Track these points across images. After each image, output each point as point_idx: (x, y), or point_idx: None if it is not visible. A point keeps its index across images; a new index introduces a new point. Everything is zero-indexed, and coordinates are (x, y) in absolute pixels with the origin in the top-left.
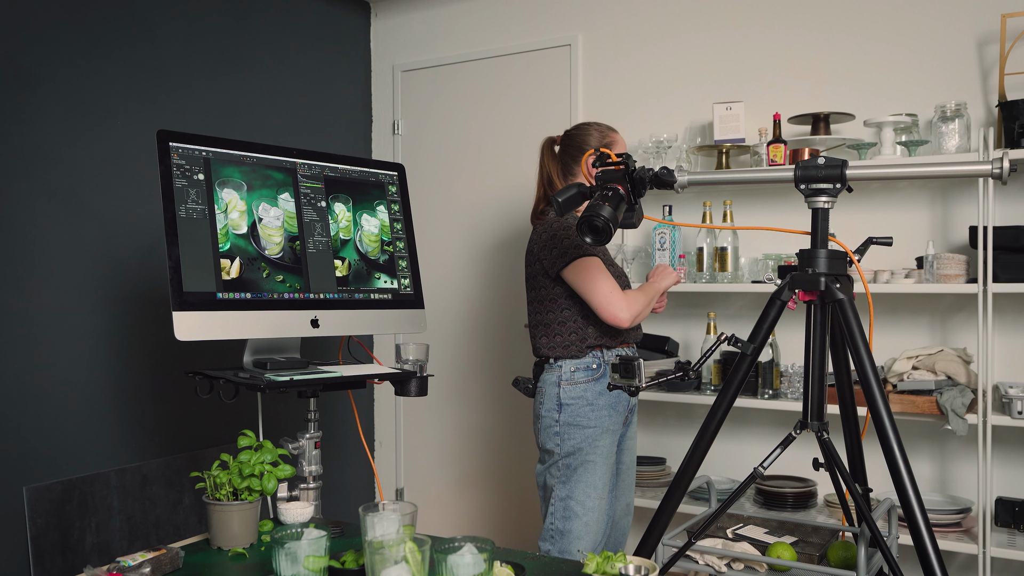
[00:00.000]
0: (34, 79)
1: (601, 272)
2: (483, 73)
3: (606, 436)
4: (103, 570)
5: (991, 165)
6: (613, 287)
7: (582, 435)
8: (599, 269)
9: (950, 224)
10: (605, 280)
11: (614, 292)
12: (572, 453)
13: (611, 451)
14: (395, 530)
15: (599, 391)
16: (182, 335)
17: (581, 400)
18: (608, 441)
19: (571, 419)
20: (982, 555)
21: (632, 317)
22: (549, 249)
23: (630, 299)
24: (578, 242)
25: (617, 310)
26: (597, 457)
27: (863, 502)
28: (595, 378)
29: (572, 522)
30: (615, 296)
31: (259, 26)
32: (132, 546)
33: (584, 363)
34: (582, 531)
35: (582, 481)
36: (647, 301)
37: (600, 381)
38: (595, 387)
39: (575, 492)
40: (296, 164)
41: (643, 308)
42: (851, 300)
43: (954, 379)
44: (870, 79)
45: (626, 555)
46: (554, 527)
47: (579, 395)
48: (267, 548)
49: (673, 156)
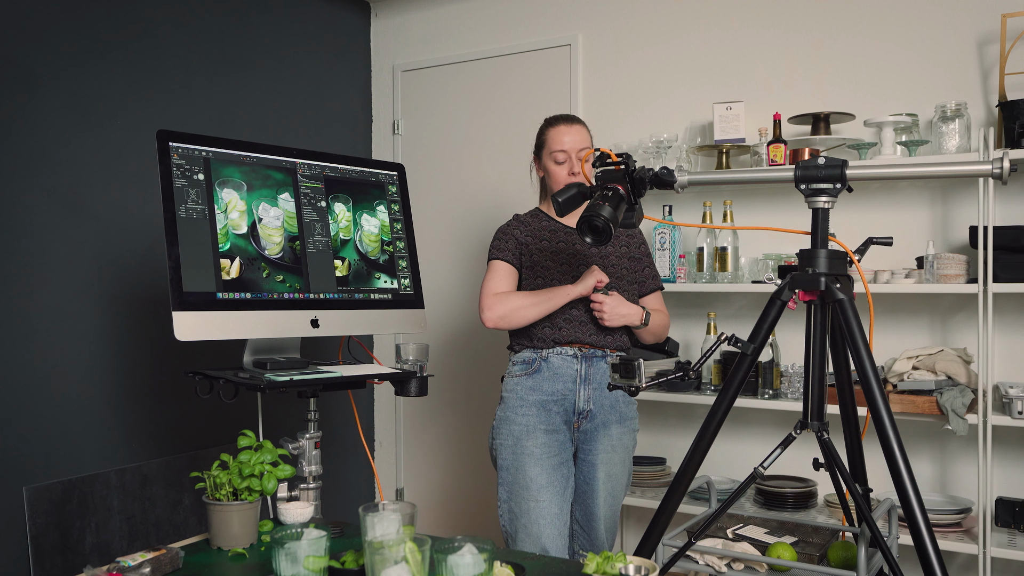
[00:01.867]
0: (34, 79)
1: (489, 273)
2: (483, 73)
3: (534, 436)
4: (103, 570)
5: (991, 165)
6: (487, 288)
7: (508, 432)
8: (491, 270)
9: (950, 224)
10: (487, 281)
11: (485, 293)
12: (499, 451)
13: (545, 453)
14: (395, 530)
15: (531, 387)
16: (182, 335)
17: (513, 394)
18: (539, 442)
19: (503, 414)
20: (982, 555)
21: (494, 318)
22: None
23: (499, 299)
24: (492, 245)
25: (481, 309)
26: (525, 456)
27: (863, 502)
28: (528, 372)
29: (515, 524)
30: (485, 296)
31: (259, 26)
32: (132, 546)
33: (521, 357)
34: (524, 534)
35: (515, 482)
36: (527, 303)
37: (533, 377)
38: (527, 382)
39: (513, 494)
40: (296, 164)
41: (512, 310)
42: (851, 300)
43: (954, 379)
44: (870, 79)
45: (626, 555)
46: (504, 529)
47: (512, 389)
48: (267, 548)
49: (673, 156)
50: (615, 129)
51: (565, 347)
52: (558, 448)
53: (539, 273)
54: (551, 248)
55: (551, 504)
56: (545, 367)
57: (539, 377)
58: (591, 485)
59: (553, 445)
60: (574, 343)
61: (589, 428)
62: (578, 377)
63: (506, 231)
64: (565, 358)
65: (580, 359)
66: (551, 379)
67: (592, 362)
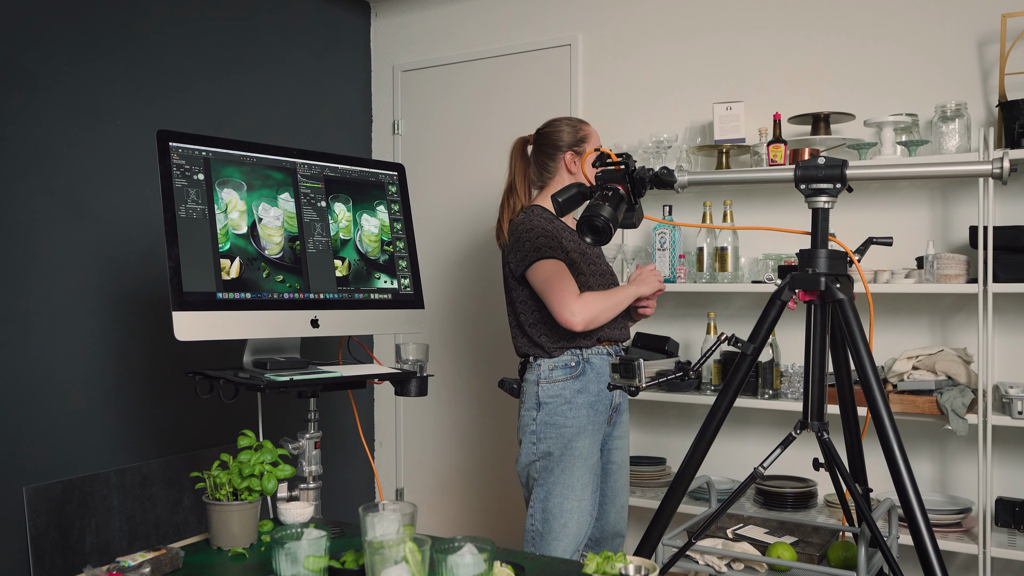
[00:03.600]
0: (34, 79)
1: (557, 274)
2: (483, 73)
3: (584, 437)
4: (103, 570)
5: (991, 165)
6: (567, 290)
7: (558, 435)
8: (556, 271)
9: (950, 224)
10: (560, 283)
11: (567, 295)
12: (549, 453)
13: (591, 452)
14: (395, 530)
15: (578, 389)
16: (182, 335)
17: (559, 399)
18: (587, 442)
19: (548, 418)
20: (982, 555)
21: (585, 321)
22: (514, 252)
23: (585, 302)
24: (539, 244)
25: (569, 314)
26: (574, 458)
27: (863, 502)
28: (573, 376)
29: (550, 524)
30: (568, 298)
31: (259, 26)
32: (132, 546)
33: (562, 361)
34: (560, 532)
35: (559, 483)
36: (609, 305)
37: (579, 379)
38: (573, 385)
39: (552, 494)
40: (296, 164)
41: (599, 312)
42: (851, 300)
43: (954, 379)
44: (870, 79)
45: (626, 555)
46: (534, 528)
47: (557, 393)
48: (267, 548)
49: (673, 156)
50: (615, 129)
51: (601, 345)
52: (600, 446)
53: None
54: (571, 247)
55: (592, 504)
56: (589, 368)
57: (585, 379)
58: (622, 471)
59: (597, 444)
60: (606, 341)
61: (617, 420)
62: None
63: (545, 229)
64: (602, 357)
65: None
66: (595, 380)
67: None
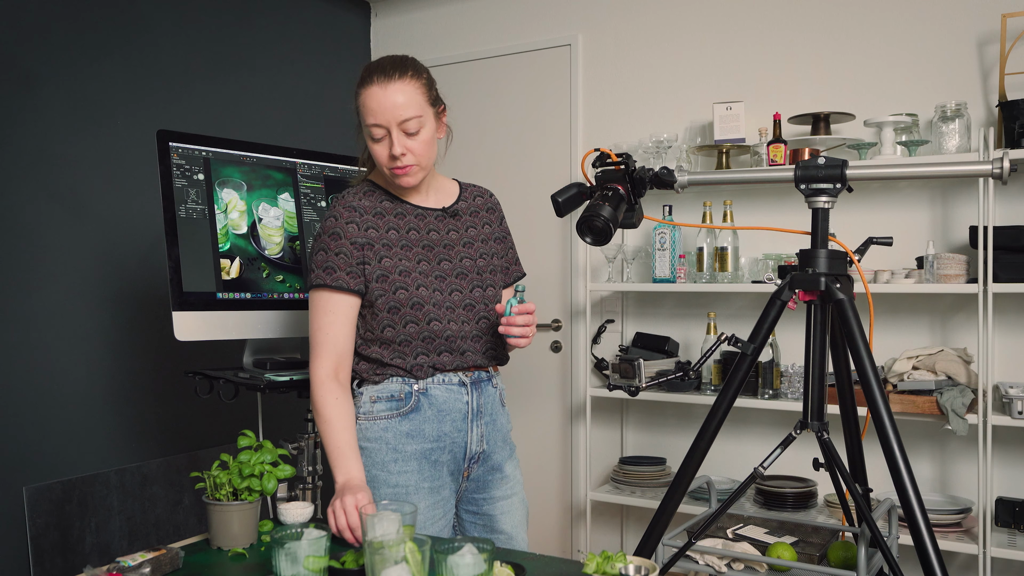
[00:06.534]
0: (34, 79)
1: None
2: (483, 73)
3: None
4: (103, 570)
5: (991, 165)
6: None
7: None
8: (322, 309)
9: (950, 224)
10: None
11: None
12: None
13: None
14: (395, 530)
15: (408, 432)
16: (182, 335)
17: (380, 443)
18: (422, 506)
19: (368, 471)
20: (982, 555)
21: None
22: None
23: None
24: (318, 260)
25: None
26: None
27: (863, 502)
28: (401, 412)
29: None
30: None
31: (259, 26)
32: (132, 546)
33: (384, 390)
34: None
35: None
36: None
37: (410, 417)
38: (402, 426)
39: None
40: (296, 164)
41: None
42: (851, 300)
43: (954, 379)
44: (870, 79)
45: (626, 555)
46: None
47: (378, 436)
48: (267, 548)
49: (673, 156)
50: (615, 129)
51: (449, 373)
52: (442, 512)
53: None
54: (400, 239)
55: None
56: (425, 403)
57: (418, 418)
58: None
59: (437, 509)
60: (459, 368)
61: (481, 473)
62: (469, 412)
63: (334, 231)
64: (451, 388)
65: (470, 387)
66: (435, 419)
67: (482, 388)
